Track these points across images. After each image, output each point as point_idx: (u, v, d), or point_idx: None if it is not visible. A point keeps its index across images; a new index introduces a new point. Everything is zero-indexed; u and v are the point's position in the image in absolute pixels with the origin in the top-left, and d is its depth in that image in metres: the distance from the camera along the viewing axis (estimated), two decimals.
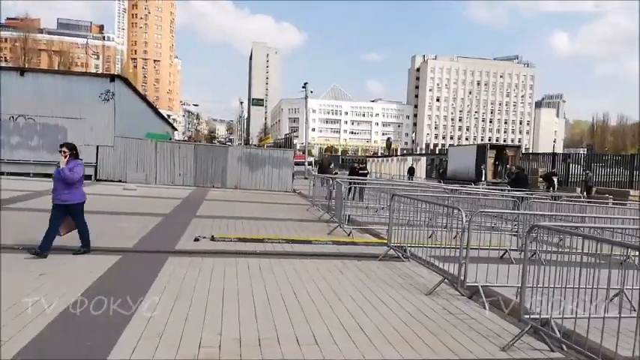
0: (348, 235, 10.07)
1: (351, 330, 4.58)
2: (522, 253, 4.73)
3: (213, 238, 8.89)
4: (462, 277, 5.76)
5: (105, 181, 20.96)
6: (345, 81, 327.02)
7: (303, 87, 46.57)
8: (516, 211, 8.93)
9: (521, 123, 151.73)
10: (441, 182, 23.07)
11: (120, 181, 20.95)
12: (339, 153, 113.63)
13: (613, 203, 15.59)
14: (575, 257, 4.62)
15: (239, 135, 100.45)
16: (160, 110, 42.11)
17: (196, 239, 8.74)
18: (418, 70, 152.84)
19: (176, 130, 58.67)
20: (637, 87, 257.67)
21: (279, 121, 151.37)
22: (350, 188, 14.55)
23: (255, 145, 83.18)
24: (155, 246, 7.98)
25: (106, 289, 5.34)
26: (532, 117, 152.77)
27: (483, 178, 24.09)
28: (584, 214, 9.89)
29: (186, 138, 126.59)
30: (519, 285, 4.70)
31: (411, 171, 26.81)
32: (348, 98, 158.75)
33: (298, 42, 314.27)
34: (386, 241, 9.24)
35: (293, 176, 22.22)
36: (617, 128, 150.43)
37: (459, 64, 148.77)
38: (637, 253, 6.22)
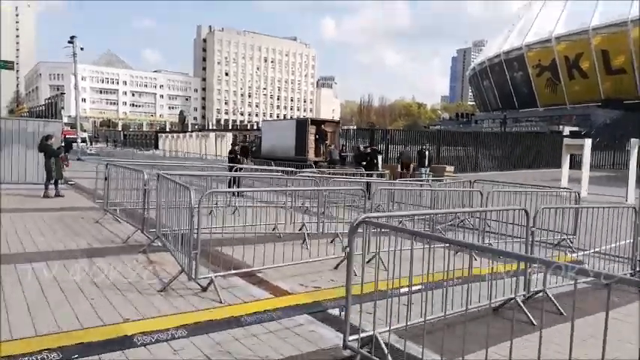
0: (204, 289, 4.93)
1: None
2: None
3: None
4: None
5: None
6: (117, 49, 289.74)
7: (70, 42, 36.05)
8: None
9: (305, 101, 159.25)
10: (272, 164, 18.87)
11: None
12: (120, 128, 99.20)
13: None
14: None
15: None
16: None
17: None
18: (205, 41, 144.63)
19: None
20: (391, 73, 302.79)
21: (36, 88, 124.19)
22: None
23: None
24: None
25: None
26: (315, 95, 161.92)
27: (427, 164, 20.54)
28: None
29: None
30: None
31: (245, 151, 19.50)
32: (126, 66, 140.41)
33: (55, 1, 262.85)
34: (297, 299, 4.60)
35: (64, 160, 14.78)
36: (378, 108, 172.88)
37: (246, 39, 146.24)
38: None
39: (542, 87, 70.15)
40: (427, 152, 19.98)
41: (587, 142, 17.23)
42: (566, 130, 52.76)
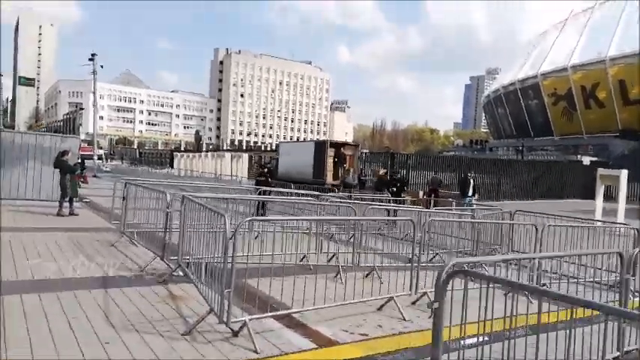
0: (236, 333, 4.25)
1: None
2: None
3: None
4: None
5: None
6: (135, 68, 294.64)
7: (91, 59, 36.35)
8: None
9: (319, 124, 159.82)
10: (291, 186, 18.32)
11: None
12: (135, 145, 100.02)
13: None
14: None
15: None
16: None
17: None
18: (221, 63, 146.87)
19: None
20: (404, 99, 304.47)
21: (55, 105, 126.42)
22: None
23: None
24: None
25: None
26: (328, 119, 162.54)
27: (471, 193, 19.77)
28: None
29: None
30: None
31: (269, 173, 16.17)
32: (144, 85, 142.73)
33: (77, 18, 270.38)
34: (346, 352, 3.90)
35: (80, 177, 14.38)
36: (391, 133, 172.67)
37: (262, 62, 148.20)
38: None
39: (558, 116, 69.39)
40: (472, 180, 18.44)
41: (624, 173, 16.39)
42: (586, 159, 51.65)
